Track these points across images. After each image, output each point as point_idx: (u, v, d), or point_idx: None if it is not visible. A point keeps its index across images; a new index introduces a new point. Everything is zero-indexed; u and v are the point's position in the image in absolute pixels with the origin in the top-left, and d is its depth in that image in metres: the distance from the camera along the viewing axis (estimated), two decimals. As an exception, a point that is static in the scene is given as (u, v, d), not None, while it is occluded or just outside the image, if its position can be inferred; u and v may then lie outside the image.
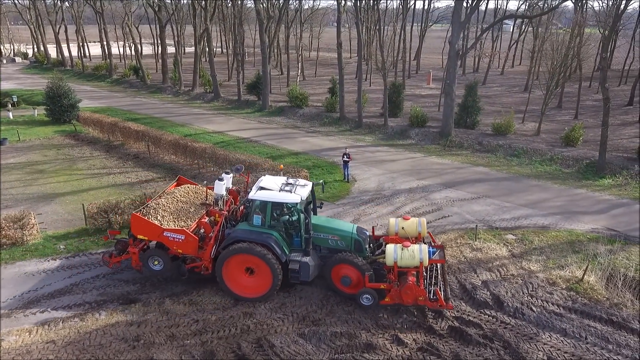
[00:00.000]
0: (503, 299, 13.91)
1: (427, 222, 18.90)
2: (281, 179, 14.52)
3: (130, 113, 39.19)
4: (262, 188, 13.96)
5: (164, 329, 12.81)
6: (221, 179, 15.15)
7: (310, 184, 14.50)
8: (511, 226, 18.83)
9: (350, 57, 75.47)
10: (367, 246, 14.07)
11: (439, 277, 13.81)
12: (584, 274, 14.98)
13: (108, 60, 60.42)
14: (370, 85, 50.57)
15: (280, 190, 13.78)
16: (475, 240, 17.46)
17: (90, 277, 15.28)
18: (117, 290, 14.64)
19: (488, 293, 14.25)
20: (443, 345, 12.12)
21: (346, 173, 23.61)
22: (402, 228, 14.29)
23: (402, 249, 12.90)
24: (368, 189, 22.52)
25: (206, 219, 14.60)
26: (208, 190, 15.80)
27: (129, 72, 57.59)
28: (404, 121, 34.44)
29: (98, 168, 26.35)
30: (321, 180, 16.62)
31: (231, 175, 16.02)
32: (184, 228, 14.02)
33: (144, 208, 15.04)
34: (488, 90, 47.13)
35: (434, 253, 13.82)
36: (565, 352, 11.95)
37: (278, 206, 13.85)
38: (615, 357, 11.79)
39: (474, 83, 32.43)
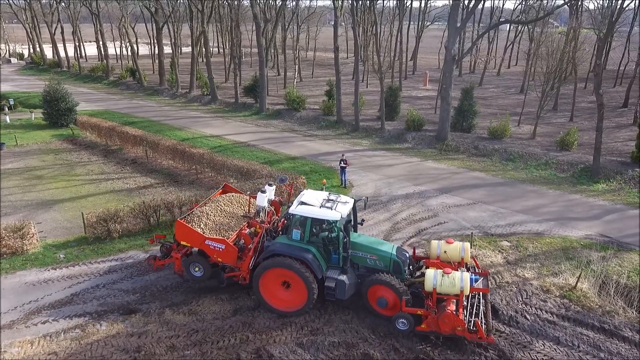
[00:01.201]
0: (498, 307, 14.11)
1: (423, 229, 19.23)
2: (323, 194, 14.31)
3: (127, 116, 39.27)
4: (303, 203, 13.82)
5: (164, 339, 12.97)
6: (264, 191, 15.28)
7: (351, 201, 14.26)
8: (506, 233, 19.07)
9: (347, 57, 75.58)
10: (406, 268, 13.73)
11: (481, 306, 13.23)
12: (577, 282, 15.23)
13: (104, 61, 60.37)
14: (367, 87, 50.72)
15: (321, 206, 13.60)
16: (471, 247, 17.66)
17: (90, 287, 15.43)
18: (117, 300, 14.80)
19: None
20: (438, 355, 12.35)
21: (343, 179, 23.80)
22: (445, 252, 13.91)
23: (443, 276, 12.43)
24: (365, 194, 22.66)
25: (247, 230, 14.65)
26: (251, 200, 15.87)
27: (125, 73, 57.56)
28: (400, 124, 34.64)
29: (96, 173, 26.46)
30: (364, 197, 16.48)
31: (274, 187, 16.23)
32: (225, 238, 14.22)
33: (188, 215, 15.41)
34: (484, 92, 47.39)
35: (476, 281, 13.30)
36: (559, 361, 12.21)
37: (318, 222, 13.75)
38: (606, 365, 12.06)
39: (470, 87, 32.65)
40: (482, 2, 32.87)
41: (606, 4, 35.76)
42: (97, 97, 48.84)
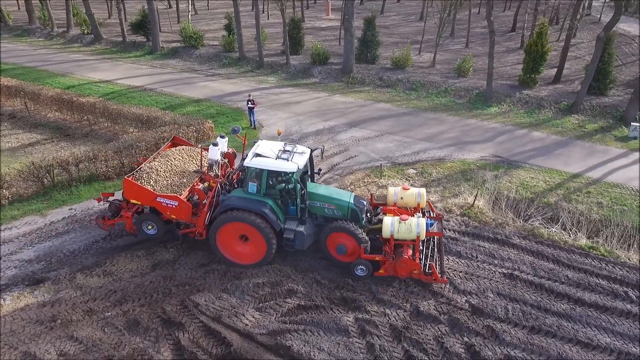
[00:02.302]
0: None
1: (335, 165, 19.71)
2: (278, 145, 13.91)
3: (-5, 63, 34.18)
4: (258, 155, 13.43)
5: (80, 304, 12.41)
6: (215, 144, 14.65)
7: (308, 151, 13.93)
8: (412, 161, 20.21)
9: (244, -14, 71.14)
10: (364, 215, 13.85)
11: (436, 249, 13.84)
12: (474, 200, 16.82)
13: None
14: (268, 19, 48.65)
15: (277, 157, 13.29)
16: (381, 178, 18.55)
17: (-16, 261, 14.02)
18: (20, 271, 13.65)
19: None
20: (356, 282, 13.20)
21: (252, 119, 23.26)
22: (401, 198, 14.16)
23: (400, 222, 12.73)
24: (275, 134, 22.44)
25: (200, 186, 14.22)
26: (203, 153, 15.08)
27: (-16, 11, 49.19)
28: (306, 58, 34.06)
29: (-32, 133, 23.17)
30: (320, 146, 16.07)
31: (226, 139, 15.65)
32: (177, 195, 13.58)
33: (136, 172, 14.55)
34: (386, 20, 47.71)
35: (431, 225, 13.69)
36: (460, 272, 13.66)
37: (274, 174, 13.49)
38: (499, 270, 13.71)
39: (372, 16, 32.59)
40: None
41: None
42: (-47, 41, 41.69)
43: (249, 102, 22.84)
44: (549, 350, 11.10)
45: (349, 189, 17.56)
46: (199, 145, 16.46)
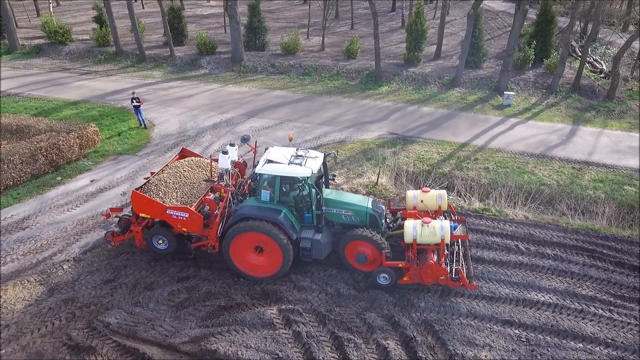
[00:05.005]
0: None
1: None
2: (290, 150, 13.20)
3: None
4: (269, 161, 12.72)
5: (-36, 350, 10.79)
6: (226, 152, 13.79)
7: (321, 155, 13.19)
8: (314, 145, 20.41)
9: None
10: (383, 221, 13.25)
11: (461, 253, 13.05)
12: (377, 178, 17.52)
13: None
14: (143, 8, 45.70)
15: (290, 163, 12.58)
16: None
17: None
18: None
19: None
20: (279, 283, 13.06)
21: (140, 119, 21.71)
22: (421, 201, 13.51)
23: (422, 226, 12.00)
24: (170, 132, 21.32)
25: (211, 196, 13.46)
26: (213, 163, 14.58)
27: None
28: (191, 49, 32.59)
29: None
30: (334, 150, 15.14)
31: (236, 147, 14.97)
32: (188, 206, 12.90)
33: (145, 184, 14.00)
34: (270, 5, 47.32)
35: (455, 228, 12.97)
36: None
37: (287, 180, 12.75)
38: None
39: (255, 2, 32.03)
40: None
41: None
42: None
43: (134, 100, 21.22)
44: (459, 309, 12.04)
45: (256, 180, 17.25)
46: (209, 156, 15.65)
